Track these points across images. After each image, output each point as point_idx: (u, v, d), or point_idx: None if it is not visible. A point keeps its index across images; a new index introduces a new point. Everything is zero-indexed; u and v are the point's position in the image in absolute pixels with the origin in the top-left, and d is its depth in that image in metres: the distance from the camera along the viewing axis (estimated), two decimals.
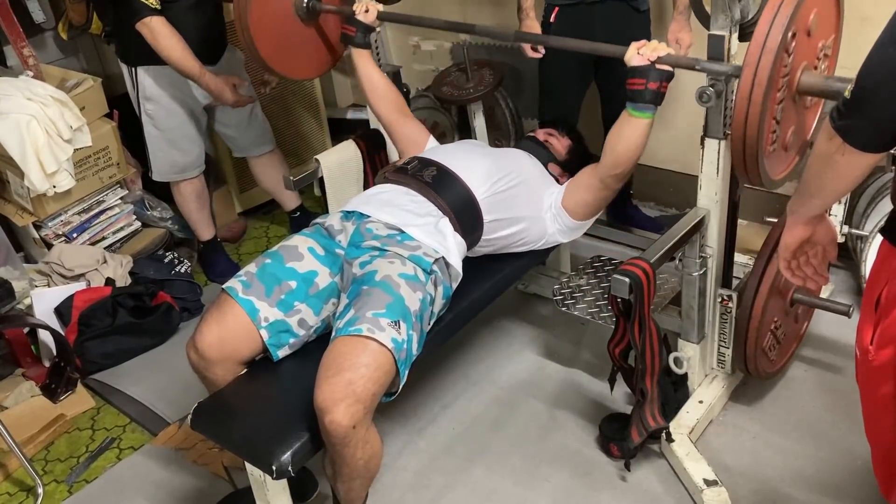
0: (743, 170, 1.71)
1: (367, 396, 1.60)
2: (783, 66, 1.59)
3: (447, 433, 2.26)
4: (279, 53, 2.47)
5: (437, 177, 2.05)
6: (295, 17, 2.46)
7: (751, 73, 1.56)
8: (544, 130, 2.45)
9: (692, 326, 2.07)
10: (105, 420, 2.50)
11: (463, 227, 2.00)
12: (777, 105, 1.64)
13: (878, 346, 1.32)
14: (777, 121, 1.67)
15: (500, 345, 2.57)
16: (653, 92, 1.84)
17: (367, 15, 2.31)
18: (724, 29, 1.75)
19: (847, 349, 2.33)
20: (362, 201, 2.03)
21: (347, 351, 1.63)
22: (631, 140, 1.92)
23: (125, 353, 2.71)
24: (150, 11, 2.44)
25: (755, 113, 1.58)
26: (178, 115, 2.78)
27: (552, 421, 2.25)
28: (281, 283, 1.85)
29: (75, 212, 2.95)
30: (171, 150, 2.84)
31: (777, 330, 2.10)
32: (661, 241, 1.90)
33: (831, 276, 2.56)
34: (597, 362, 2.41)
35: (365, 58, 2.37)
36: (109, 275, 2.80)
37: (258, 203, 3.54)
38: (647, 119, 1.88)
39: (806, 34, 1.65)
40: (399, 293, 1.73)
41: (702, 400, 2.14)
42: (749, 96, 1.58)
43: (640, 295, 1.79)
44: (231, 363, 1.83)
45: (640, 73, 1.83)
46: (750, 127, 1.60)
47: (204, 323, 1.82)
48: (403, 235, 1.90)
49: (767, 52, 1.54)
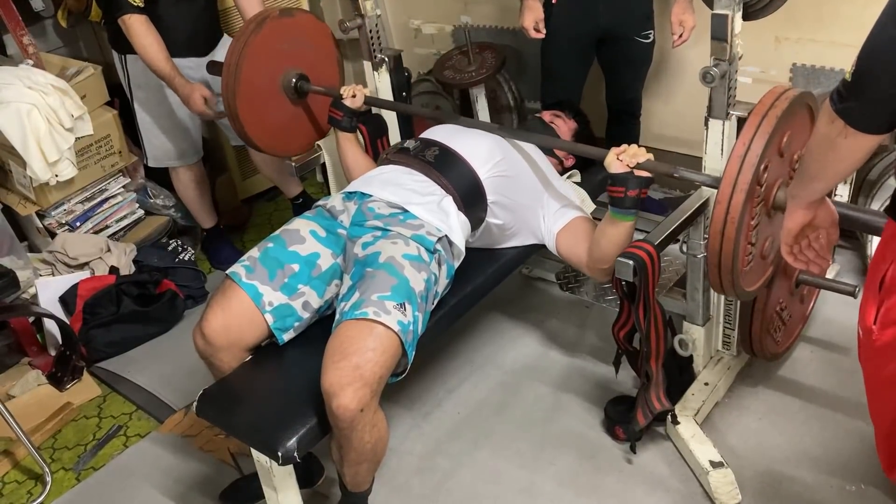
0: (719, 286, 1.68)
1: (374, 380, 1.60)
2: (756, 197, 1.58)
3: (452, 417, 2.26)
4: (266, 131, 2.44)
5: (440, 156, 2.04)
6: (282, 95, 2.43)
7: (723, 210, 1.55)
8: (550, 112, 2.44)
9: (697, 308, 2.06)
10: (111, 408, 2.51)
11: (466, 206, 2.00)
12: (752, 230, 1.63)
13: (881, 325, 1.32)
14: (752, 243, 1.67)
15: (504, 328, 2.57)
16: (632, 199, 1.84)
17: (354, 100, 2.30)
18: (727, 8, 1.73)
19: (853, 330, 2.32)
20: (364, 182, 2.02)
21: (354, 335, 1.63)
22: (615, 238, 1.90)
23: (130, 342, 2.71)
24: (133, 9, 2.45)
25: (728, 246, 1.57)
26: (168, 103, 2.77)
27: (557, 404, 2.25)
28: (284, 267, 1.85)
29: (78, 200, 2.94)
30: (163, 136, 2.84)
31: (782, 311, 2.09)
32: (665, 223, 1.89)
33: (837, 257, 2.55)
34: (601, 345, 2.41)
35: (350, 141, 2.35)
36: (113, 263, 2.80)
37: (261, 190, 3.54)
38: (629, 221, 1.87)
39: (779, 156, 1.62)
40: (404, 274, 1.73)
41: (707, 382, 2.13)
42: (722, 231, 1.56)
43: (644, 277, 1.78)
44: (237, 349, 1.83)
45: (620, 181, 1.83)
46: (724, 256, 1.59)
47: (209, 309, 1.83)
48: (406, 214, 1.90)
49: (738, 191, 1.53)
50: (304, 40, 2.44)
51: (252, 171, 3.43)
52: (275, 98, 2.42)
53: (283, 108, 2.46)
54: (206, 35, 2.75)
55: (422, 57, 3.50)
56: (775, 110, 1.54)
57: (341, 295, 1.76)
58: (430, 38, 3.44)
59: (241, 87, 2.30)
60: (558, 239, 2.09)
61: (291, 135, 2.53)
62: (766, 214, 1.68)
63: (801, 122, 1.67)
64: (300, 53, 2.43)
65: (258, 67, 2.32)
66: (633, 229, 1.89)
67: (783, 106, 1.54)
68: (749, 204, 1.56)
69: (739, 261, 1.62)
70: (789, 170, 1.70)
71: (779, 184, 1.65)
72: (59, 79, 2.78)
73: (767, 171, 1.57)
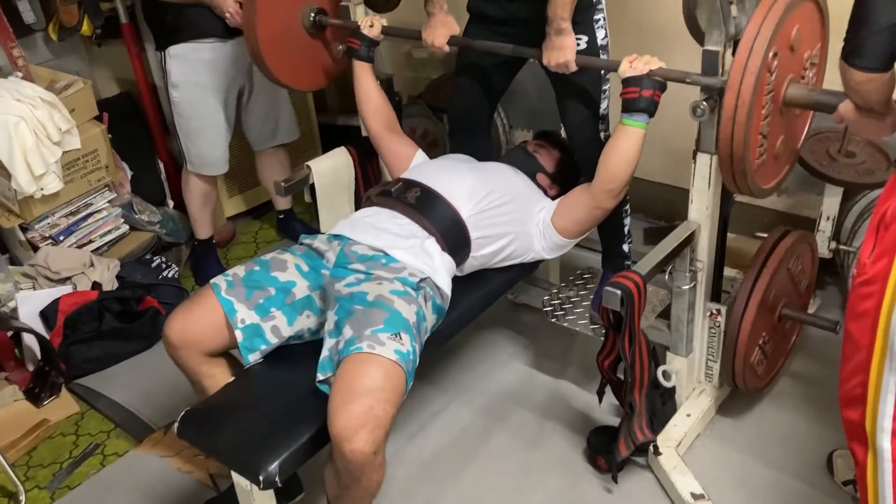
0: (732, 182, 1.73)
1: (387, 420, 1.59)
2: (765, 84, 1.63)
3: (436, 442, 2.25)
4: (285, 64, 2.48)
5: (421, 198, 2.05)
6: (301, 29, 2.48)
7: (734, 95, 1.60)
8: (535, 141, 2.45)
9: (681, 340, 2.07)
10: (89, 425, 2.48)
11: (450, 246, 2.00)
12: (763, 121, 1.67)
13: (875, 257, 1.37)
14: (764, 135, 1.70)
15: (489, 354, 2.57)
16: (647, 99, 1.86)
17: (372, 29, 2.35)
18: (718, 45, 1.76)
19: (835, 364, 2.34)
20: (348, 225, 2.04)
21: (353, 371, 1.61)
22: (625, 151, 1.93)
23: (111, 358, 2.68)
24: None
25: (740, 132, 1.62)
26: (204, 104, 2.80)
27: (540, 432, 2.25)
28: (262, 289, 1.87)
29: (62, 214, 2.92)
30: (196, 139, 2.86)
31: (765, 345, 2.11)
32: (652, 254, 1.90)
33: (819, 292, 2.58)
34: (585, 374, 2.41)
35: (366, 71, 2.41)
36: (96, 278, 2.77)
37: (248, 207, 3.53)
38: (641, 129, 1.90)
39: (789, 50, 1.68)
40: (395, 307, 1.73)
41: (689, 413, 2.14)
42: (733, 116, 1.61)
43: (630, 307, 1.79)
44: (193, 351, 1.85)
45: (634, 82, 1.86)
46: (736, 144, 1.63)
47: (179, 307, 1.89)
48: (388, 258, 1.91)
49: (749, 74, 1.59)
50: None
51: (240, 187, 3.43)
52: (294, 32, 2.47)
53: (303, 43, 2.51)
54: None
55: (413, 80, 3.52)
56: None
57: (329, 331, 1.75)
58: (420, 62, 3.46)
59: (260, 23, 2.34)
60: (555, 222, 2.10)
61: (311, 69, 2.58)
62: (777, 111, 1.71)
63: (810, 16, 1.74)
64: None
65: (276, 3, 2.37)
66: (643, 141, 1.92)
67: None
68: (759, 91, 1.60)
69: (751, 151, 1.65)
70: (800, 69, 1.76)
71: (789, 78, 1.70)
72: (48, 92, 2.77)
73: (777, 60, 1.62)
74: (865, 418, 1.43)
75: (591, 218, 2.09)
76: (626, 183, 1.99)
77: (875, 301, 1.37)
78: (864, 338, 1.40)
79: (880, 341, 1.38)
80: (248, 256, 3.30)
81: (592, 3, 2.11)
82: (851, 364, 1.46)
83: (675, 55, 2.22)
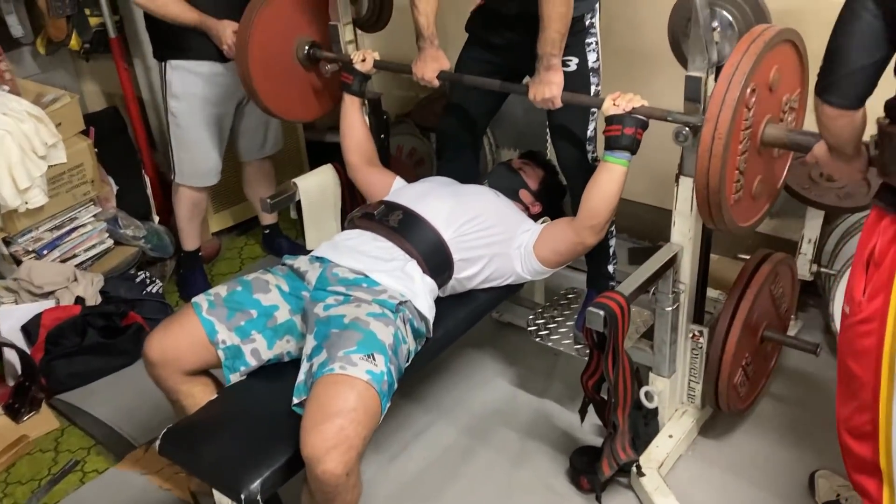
0: (709, 216, 1.75)
1: (359, 442, 1.58)
2: (743, 119, 1.65)
3: (419, 461, 2.25)
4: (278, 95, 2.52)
5: (404, 221, 2.07)
6: (295, 62, 2.52)
7: (711, 127, 1.62)
8: (520, 160, 2.48)
9: (664, 361, 2.08)
10: (69, 442, 2.45)
11: (432, 269, 2.01)
12: (740, 156, 1.70)
13: (869, 296, 1.42)
14: (741, 171, 1.73)
15: (473, 373, 2.57)
16: (629, 138, 1.90)
17: (364, 64, 2.37)
18: (700, 70, 1.79)
19: (815, 386, 2.37)
20: (330, 247, 2.05)
21: (325, 392, 1.61)
22: (607, 188, 1.96)
23: (93, 374, 2.66)
24: None
25: (716, 163, 1.64)
26: (202, 116, 2.81)
27: (523, 451, 2.25)
28: (243, 311, 1.88)
29: (46, 228, 2.90)
30: (192, 151, 2.87)
31: (748, 366, 2.12)
32: (635, 275, 1.92)
33: (800, 314, 2.60)
34: (568, 393, 2.42)
35: (356, 105, 2.44)
36: (80, 293, 2.76)
37: (233, 223, 3.53)
38: (623, 166, 1.94)
39: (768, 90, 1.71)
40: (369, 329, 1.73)
41: (671, 434, 2.15)
42: (710, 148, 1.63)
43: (614, 328, 1.80)
44: (172, 369, 1.85)
45: (617, 121, 1.91)
46: (712, 175, 1.66)
47: (159, 325, 1.89)
48: (369, 281, 1.91)
49: (726, 107, 1.60)
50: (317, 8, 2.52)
51: (225, 203, 3.42)
52: (289, 65, 2.51)
53: (297, 75, 2.55)
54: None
55: (401, 99, 3.54)
56: (763, 36, 1.64)
57: (306, 354, 1.75)
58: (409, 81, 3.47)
59: (252, 54, 2.38)
60: (536, 251, 2.11)
61: (304, 100, 2.62)
62: (755, 150, 1.74)
63: (789, 59, 1.78)
64: (313, 22, 2.52)
65: (271, 36, 2.42)
66: (625, 178, 1.95)
67: (771, 34, 1.65)
68: (736, 125, 1.63)
69: (727, 185, 1.68)
70: (779, 110, 1.79)
71: (768, 118, 1.74)
72: (35, 106, 2.76)
73: (755, 97, 1.65)
74: (879, 454, 1.46)
75: (573, 252, 2.10)
76: (608, 219, 2.01)
77: (875, 339, 1.41)
78: (867, 375, 1.44)
79: (886, 378, 1.41)
80: (233, 272, 3.29)
81: (585, 26, 2.16)
82: (857, 402, 1.50)
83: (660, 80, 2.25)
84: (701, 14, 1.74)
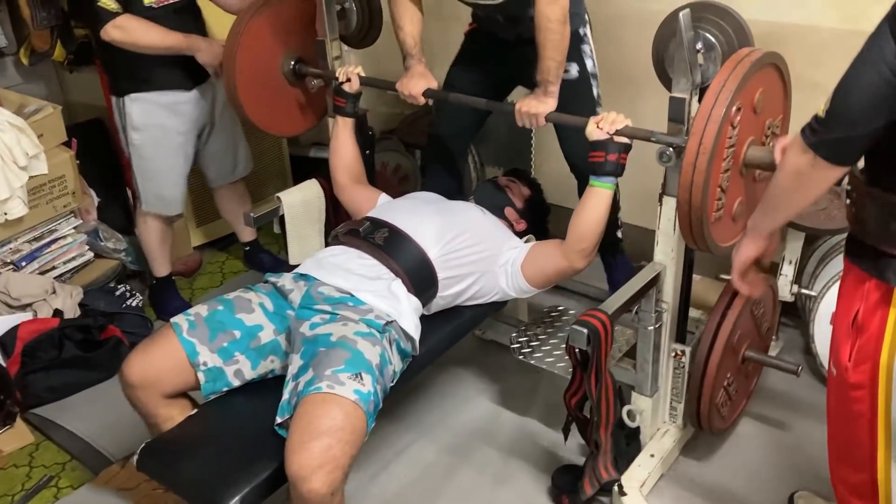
0: (689, 234, 1.77)
1: (346, 461, 1.57)
2: (727, 136, 1.67)
3: (400, 480, 2.23)
4: (264, 110, 2.52)
5: (389, 238, 2.06)
6: (281, 76, 2.51)
7: (696, 141, 1.65)
8: (507, 178, 2.49)
9: (646, 379, 2.09)
10: (44, 457, 2.41)
11: (417, 288, 2.01)
12: (722, 174, 1.72)
13: (855, 362, 1.40)
14: (722, 189, 1.74)
15: (455, 391, 2.56)
16: (612, 163, 1.93)
17: (351, 84, 2.37)
18: (685, 92, 1.81)
19: (795, 406, 2.38)
20: (315, 264, 2.03)
21: (312, 411, 1.59)
22: (594, 212, 1.97)
23: (70, 388, 2.62)
24: (112, 15, 2.46)
25: (700, 178, 1.66)
26: (165, 146, 2.75)
27: (505, 470, 2.24)
28: (226, 331, 1.85)
29: (26, 240, 2.87)
30: (157, 181, 2.81)
31: (729, 386, 2.13)
32: (619, 293, 1.93)
33: (781, 335, 2.62)
34: (551, 412, 2.41)
35: (348, 126, 2.44)
36: (58, 306, 2.72)
37: (215, 237, 3.51)
38: (608, 190, 1.96)
39: (752, 111, 1.74)
40: (357, 348, 1.72)
41: (653, 454, 2.15)
42: (694, 162, 1.65)
43: (597, 346, 1.80)
44: (152, 392, 1.82)
45: (600, 147, 1.93)
46: (695, 190, 1.67)
47: (137, 347, 1.87)
48: (355, 300, 1.91)
49: (712, 122, 1.63)
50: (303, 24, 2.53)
51: (207, 217, 3.40)
52: (274, 80, 2.53)
53: (283, 90, 2.56)
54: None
55: (386, 116, 3.55)
56: (750, 58, 1.66)
57: (292, 374, 1.74)
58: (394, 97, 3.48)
59: (239, 69, 2.39)
60: (524, 271, 2.11)
61: (290, 115, 2.63)
62: (737, 170, 1.76)
63: (774, 84, 1.79)
64: (300, 37, 2.53)
65: (256, 52, 2.43)
66: (611, 202, 1.97)
67: (757, 56, 1.67)
68: (721, 142, 1.65)
69: (709, 203, 1.69)
70: (761, 134, 1.81)
71: (751, 139, 1.76)
72: (17, 116, 2.74)
73: (740, 116, 1.67)
74: None
75: (561, 276, 2.11)
76: (596, 243, 2.02)
77: (868, 404, 1.41)
78: (862, 436, 1.44)
79: (883, 444, 1.42)
80: (214, 287, 3.27)
81: (580, 35, 2.24)
82: (852, 462, 1.50)
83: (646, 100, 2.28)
84: (685, 36, 1.76)
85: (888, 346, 1.35)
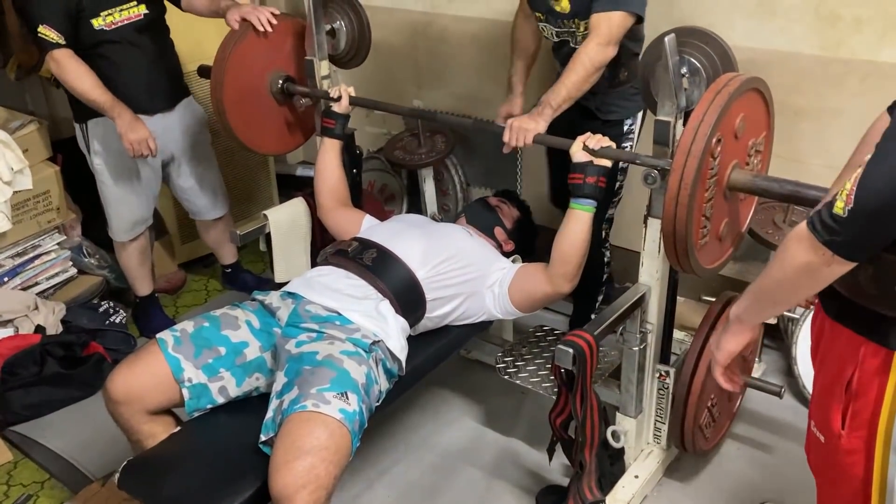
0: (675, 260, 1.79)
1: (330, 481, 1.56)
2: (709, 167, 1.70)
3: (383, 499, 2.21)
4: (251, 129, 2.53)
5: (377, 259, 2.07)
6: (269, 95, 2.52)
7: (677, 177, 1.66)
8: (497, 198, 2.50)
9: (631, 400, 2.09)
10: (22, 475, 2.38)
11: (404, 308, 2.02)
12: (706, 203, 1.74)
13: (850, 429, 1.35)
14: (707, 217, 1.77)
15: (439, 410, 2.55)
16: (591, 186, 1.95)
17: (341, 104, 2.39)
18: (670, 115, 1.83)
19: (777, 427, 2.39)
20: (303, 283, 2.04)
21: (296, 430, 1.59)
22: (574, 234, 1.99)
23: (50, 405, 2.59)
24: (53, 45, 2.42)
25: (682, 212, 1.68)
26: (125, 169, 2.70)
27: (489, 490, 2.23)
28: (211, 348, 1.85)
29: (8, 255, 2.85)
30: (119, 206, 2.76)
31: (713, 407, 2.14)
32: (604, 314, 1.94)
33: (764, 357, 2.64)
34: (536, 432, 2.41)
35: (335, 148, 2.45)
36: (40, 322, 2.70)
37: (199, 255, 3.49)
38: (588, 212, 1.98)
39: (733, 137, 1.76)
40: (343, 367, 1.72)
41: (637, 475, 2.15)
42: (676, 197, 1.67)
43: (583, 366, 1.81)
44: (136, 409, 1.81)
45: (579, 169, 1.96)
46: (679, 223, 1.69)
47: (121, 363, 1.85)
48: (342, 319, 1.91)
49: (692, 157, 1.65)
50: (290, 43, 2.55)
51: (192, 235, 3.39)
52: (262, 99, 2.53)
53: (270, 109, 2.56)
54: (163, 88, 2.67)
55: (373, 136, 3.56)
56: (728, 87, 1.67)
57: (276, 392, 1.73)
58: (381, 118, 3.51)
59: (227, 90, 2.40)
60: (511, 294, 2.12)
61: (278, 134, 2.63)
62: (721, 195, 1.78)
63: (755, 105, 1.80)
64: (288, 56, 2.55)
65: (245, 70, 2.43)
66: (591, 225, 1.98)
67: (736, 84, 1.68)
68: (702, 175, 1.66)
69: (694, 232, 1.70)
70: (744, 155, 1.82)
71: (733, 164, 1.77)
72: (2, 130, 2.74)
73: (721, 146, 1.68)
74: None
75: (547, 300, 2.12)
76: (579, 265, 2.03)
77: (862, 467, 1.36)
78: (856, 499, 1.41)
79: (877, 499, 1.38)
80: (199, 304, 3.25)
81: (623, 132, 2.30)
82: None
83: None
84: (671, 61, 1.79)
85: (887, 411, 1.30)
